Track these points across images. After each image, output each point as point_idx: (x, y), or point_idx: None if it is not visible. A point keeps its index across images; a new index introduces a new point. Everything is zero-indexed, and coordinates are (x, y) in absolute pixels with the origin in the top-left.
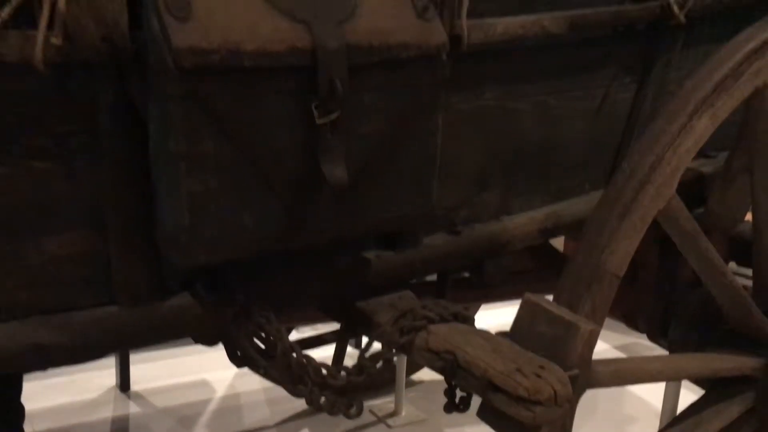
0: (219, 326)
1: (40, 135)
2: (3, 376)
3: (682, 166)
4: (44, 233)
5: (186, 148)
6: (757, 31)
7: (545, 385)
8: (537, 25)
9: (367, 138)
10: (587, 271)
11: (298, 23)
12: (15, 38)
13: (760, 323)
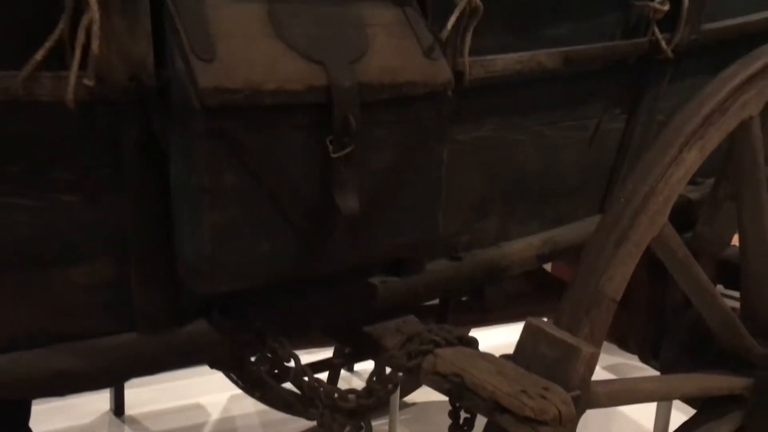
0: (234, 351)
1: (67, 169)
2: (18, 401)
3: (673, 195)
4: (69, 263)
5: (209, 181)
6: (741, 68)
7: (550, 406)
8: (534, 61)
9: (377, 170)
10: (586, 296)
11: (314, 63)
12: (48, 79)
13: (748, 344)
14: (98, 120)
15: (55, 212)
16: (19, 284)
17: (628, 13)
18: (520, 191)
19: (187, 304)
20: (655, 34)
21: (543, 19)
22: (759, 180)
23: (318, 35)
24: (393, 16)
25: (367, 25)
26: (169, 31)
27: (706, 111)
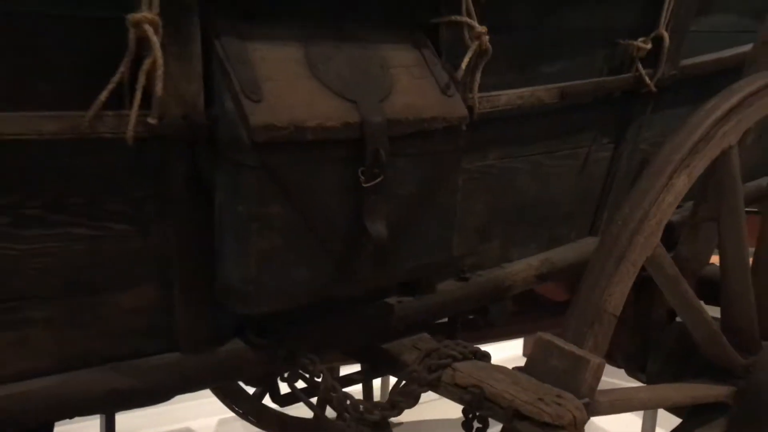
0: (267, 369)
1: (120, 200)
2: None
3: (665, 218)
4: (119, 288)
5: (256, 211)
6: (721, 102)
7: (566, 412)
8: (534, 96)
9: (401, 197)
10: (589, 311)
11: (348, 102)
12: (110, 118)
13: (730, 356)
14: (150, 155)
15: (108, 241)
16: (74, 308)
17: (615, 52)
18: (519, 216)
19: (224, 325)
20: (639, 70)
21: (541, 59)
22: (738, 203)
23: (349, 76)
24: (413, 57)
25: (390, 66)
26: (219, 73)
27: (693, 141)
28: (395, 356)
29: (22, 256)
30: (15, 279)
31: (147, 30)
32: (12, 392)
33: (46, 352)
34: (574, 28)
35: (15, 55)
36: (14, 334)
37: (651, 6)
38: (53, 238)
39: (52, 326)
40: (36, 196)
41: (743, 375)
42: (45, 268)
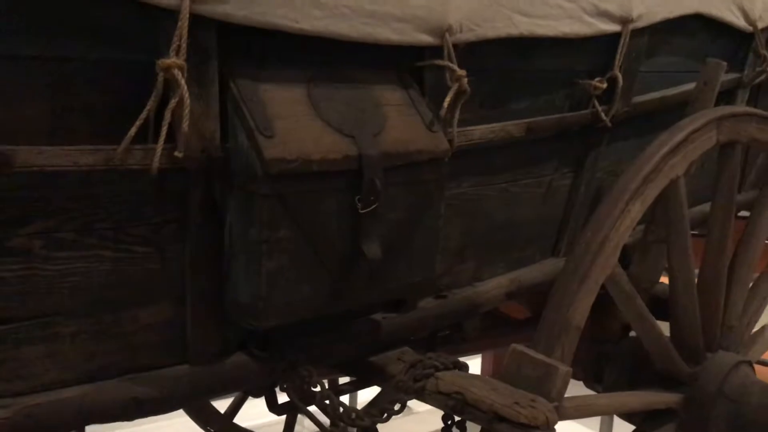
0: (269, 379)
1: (141, 225)
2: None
3: (622, 241)
4: (137, 305)
5: (267, 234)
6: (670, 137)
7: (540, 413)
8: (504, 130)
9: (392, 222)
10: (557, 324)
11: (347, 137)
12: (139, 151)
13: (679, 366)
14: (170, 184)
15: (130, 262)
16: (98, 324)
17: (574, 91)
18: (490, 238)
19: (230, 340)
20: (595, 106)
21: (510, 97)
22: (684, 227)
23: (347, 114)
24: (401, 97)
25: (382, 105)
26: (233, 112)
27: (645, 172)
28: (382, 368)
29: (54, 276)
30: (47, 297)
31: (176, 74)
32: (43, 401)
33: (74, 364)
34: (539, 70)
35: (55, 95)
36: (45, 348)
37: (606, 50)
38: (82, 259)
39: (79, 340)
40: (69, 222)
41: (690, 383)
42: (74, 287)
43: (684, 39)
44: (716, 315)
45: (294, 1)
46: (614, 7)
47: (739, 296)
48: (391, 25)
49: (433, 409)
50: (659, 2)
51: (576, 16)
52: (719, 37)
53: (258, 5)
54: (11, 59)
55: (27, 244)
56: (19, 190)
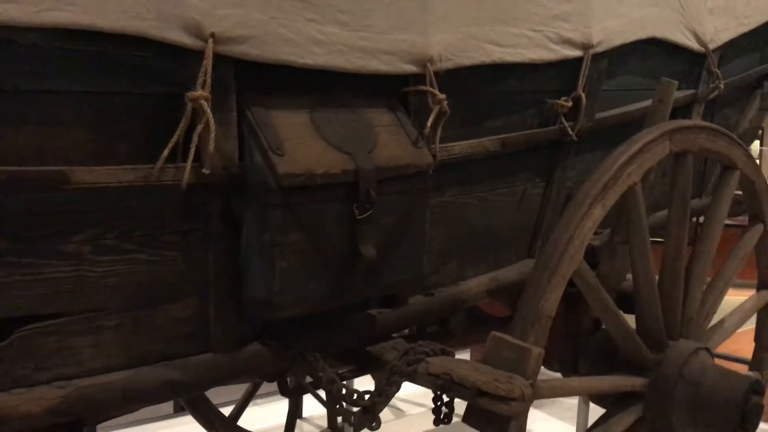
0: (281, 366)
1: (171, 232)
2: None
3: (586, 240)
4: (168, 301)
5: (279, 238)
6: (626, 149)
7: (516, 388)
8: (481, 146)
9: (384, 227)
10: (531, 314)
11: (345, 154)
12: (171, 169)
13: (643, 353)
14: (195, 197)
15: (162, 265)
16: (136, 318)
17: (543, 109)
18: (471, 242)
19: (246, 331)
20: (563, 123)
21: (486, 116)
22: (643, 228)
23: (344, 134)
24: (389, 118)
25: (374, 125)
26: (249, 135)
27: (605, 180)
28: (378, 356)
29: (99, 277)
30: (93, 294)
31: (203, 104)
32: (92, 383)
33: (116, 352)
34: (512, 92)
35: (100, 123)
36: (92, 338)
37: (570, 72)
38: (122, 262)
39: (120, 332)
40: (111, 230)
41: (654, 368)
42: (115, 285)
43: (641, 60)
44: (676, 307)
45: (298, 41)
46: (576, 35)
47: (697, 291)
48: (380, 57)
49: (424, 411)
50: (617, 28)
51: (542, 44)
52: (674, 58)
53: (269, 45)
54: (66, 94)
55: (78, 250)
56: (72, 203)
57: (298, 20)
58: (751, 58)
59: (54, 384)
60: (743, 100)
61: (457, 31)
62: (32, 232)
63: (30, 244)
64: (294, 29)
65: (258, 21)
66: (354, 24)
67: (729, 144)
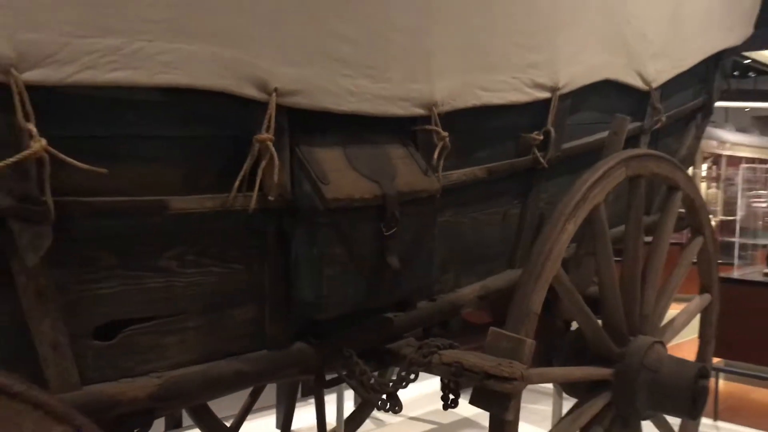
0: (320, 360)
1: (237, 249)
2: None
3: (563, 251)
4: (234, 306)
5: (325, 251)
6: (591, 174)
7: (516, 370)
8: (472, 173)
9: (404, 242)
10: (521, 311)
11: (374, 182)
12: (241, 197)
13: (610, 347)
14: (255, 220)
15: (230, 276)
16: (210, 320)
17: (520, 142)
18: (465, 255)
19: (293, 332)
20: (535, 153)
21: (475, 149)
22: (606, 242)
23: (371, 166)
24: (403, 152)
25: (392, 158)
26: (299, 169)
27: (575, 200)
28: (397, 351)
29: (183, 286)
30: (179, 301)
31: (269, 144)
32: (180, 374)
33: (196, 348)
34: (495, 128)
35: (187, 161)
36: (178, 337)
37: (541, 111)
38: (200, 274)
39: (199, 332)
40: (193, 248)
41: (619, 360)
42: (195, 293)
43: (598, 98)
44: (634, 308)
45: (337, 92)
46: (546, 80)
47: (651, 293)
48: (397, 103)
49: (404, 420)
50: (578, 73)
51: (519, 88)
52: (624, 95)
53: (315, 96)
54: (164, 138)
55: (168, 264)
56: (165, 226)
57: (337, 76)
58: (686, 94)
59: (151, 375)
60: (681, 130)
61: (454, 80)
62: (136, 249)
63: (134, 260)
64: (334, 83)
65: (307, 77)
66: (378, 77)
67: (672, 168)
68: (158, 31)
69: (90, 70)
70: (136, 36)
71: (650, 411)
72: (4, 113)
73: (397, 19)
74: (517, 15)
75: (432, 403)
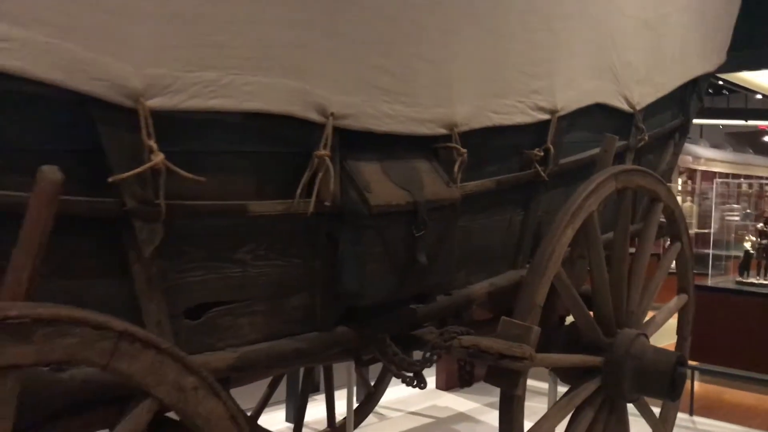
0: (359, 342)
1: (295, 246)
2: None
3: (563, 252)
4: (291, 294)
5: (368, 249)
6: (586, 186)
7: (526, 350)
8: (483, 185)
9: (430, 242)
10: (527, 304)
11: (406, 191)
12: (301, 202)
13: (600, 337)
14: (310, 221)
15: (289, 268)
16: (273, 305)
17: (523, 157)
18: (475, 256)
19: (337, 317)
20: (536, 167)
21: (486, 163)
22: (599, 245)
23: (404, 177)
24: (428, 166)
25: (420, 171)
26: (346, 180)
27: (573, 209)
28: (420, 337)
29: (254, 276)
30: (251, 288)
31: (326, 159)
32: (249, 350)
33: (261, 329)
34: (501, 145)
35: (259, 171)
36: (249, 319)
37: (542, 130)
38: (267, 266)
39: (264, 315)
40: (262, 244)
41: (608, 349)
42: (263, 282)
43: (590, 119)
44: (622, 304)
45: (378, 115)
46: (546, 104)
47: (636, 292)
48: (425, 124)
49: (404, 415)
50: (573, 98)
51: (524, 111)
52: (612, 117)
53: (361, 118)
54: (242, 153)
55: (243, 257)
56: (242, 226)
57: (378, 102)
58: (666, 115)
59: (228, 349)
60: (661, 147)
61: (471, 105)
62: (219, 245)
63: (218, 253)
64: (376, 108)
65: (356, 103)
66: (410, 102)
67: (655, 181)
68: (244, 67)
69: (195, 98)
70: (228, 71)
71: (635, 394)
72: (131, 133)
73: (426, 54)
74: (522, 49)
75: (429, 399)
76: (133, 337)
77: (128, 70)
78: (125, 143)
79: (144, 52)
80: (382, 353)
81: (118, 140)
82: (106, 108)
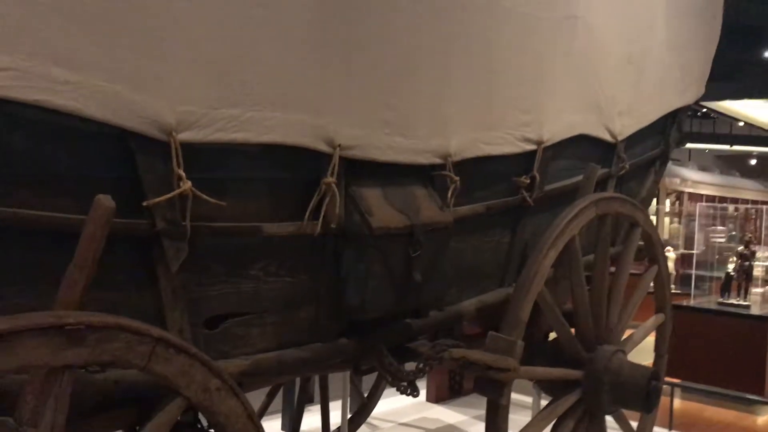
0: (358, 353)
1: (303, 262)
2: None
3: (546, 272)
4: (299, 307)
5: (369, 267)
6: (569, 212)
7: (512, 363)
8: (475, 210)
9: (425, 261)
10: (513, 320)
11: (404, 215)
12: (310, 223)
13: (580, 352)
14: (316, 241)
15: (297, 284)
16: (282, 317)
17: (511, 184)
18: (466, 275)
19: (339, 329)
20: (523, 193)
21: (476, 189)
22: (580, 267)
23: (402, 202)
24: (424, 192)
25: (416, 196)
26: (350, 204)
27: (556, 233)
28: (414, 349)
29: (266, 291)
30: (262, 302)
31: (333, 186)
32: (260, 357)
33: (271, 339)
34: (492, 172)
35: (272, 194)
36: (260, 330)
37: (529, 159)
38: (277, 282)
39: (274, 326)
40: (273, 261)
41: (588, 363)
42: (273, 296)
43: (575, 148)
44: (601, 321)
45: (381, 146)
46: (533, 135)
47: (615, 310)
48: (423, 155)
49: (395, 426)
50: (559, 129)
51: (512, 142)
52: (595, 147)
53: (365, 149)
54: (257, 180)
55: (257, 273)
56: (256, 245)
57: (381, 134)
58: (646, 144)
59: (241, 357)
60: (642, 175)
61: (464, 136)
62: (236, 261)
63: (234, 269)
64: (379, 140)
65: (361, 135)
66: (409, 135)
67: (634, 208)
68: (263, 104)
69: (220, 132)
70: (249, 107)
71: (613, 406)
72: (163, 163)
73: (425, 91)
74: (511, 85)
75: (420, 411)
76: (167, 342)
77: (163, 108)
78: (158, 172)
79: (176, 91)
80: (379, 363)
81: (153, 169)
82: (143, 141)
